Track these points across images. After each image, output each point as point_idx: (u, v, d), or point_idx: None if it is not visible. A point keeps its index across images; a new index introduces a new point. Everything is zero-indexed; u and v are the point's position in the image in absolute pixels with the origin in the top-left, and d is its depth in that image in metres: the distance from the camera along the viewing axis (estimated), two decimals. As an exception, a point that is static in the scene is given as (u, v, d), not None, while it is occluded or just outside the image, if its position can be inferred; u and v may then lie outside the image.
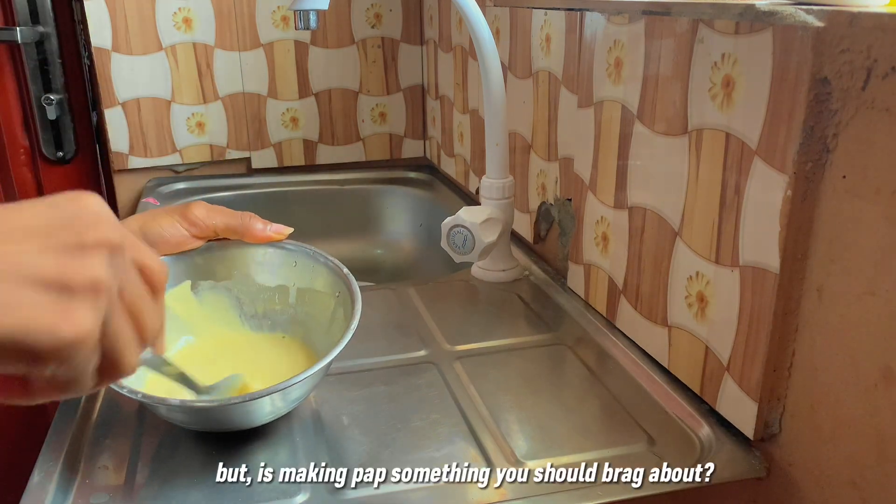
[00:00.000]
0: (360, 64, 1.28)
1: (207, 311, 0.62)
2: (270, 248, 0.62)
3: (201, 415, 0.52)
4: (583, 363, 0.66)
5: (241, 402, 0.49)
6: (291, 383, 0.49)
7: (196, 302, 0.62)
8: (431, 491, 0.50)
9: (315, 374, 0.51)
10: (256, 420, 0.54)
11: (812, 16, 0.43)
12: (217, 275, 0.62)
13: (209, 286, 0.62)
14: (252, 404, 0.51)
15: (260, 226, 0.60)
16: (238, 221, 0.60)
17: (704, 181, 0.55)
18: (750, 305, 0.51)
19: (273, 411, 0.54)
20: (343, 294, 0.59)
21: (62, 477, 0.51)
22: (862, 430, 0.44)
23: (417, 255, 1.24)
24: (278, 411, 0.55)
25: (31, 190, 1.28)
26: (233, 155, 1.28)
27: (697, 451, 0.54)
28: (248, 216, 0.60)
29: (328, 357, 0.51)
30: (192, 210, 0.58)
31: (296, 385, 0.50)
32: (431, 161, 1.35)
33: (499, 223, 0.80)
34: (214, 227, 0.59)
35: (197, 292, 0.62)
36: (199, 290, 0.62)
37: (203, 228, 0.59)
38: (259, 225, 0.60)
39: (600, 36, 0.68)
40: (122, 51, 1.16)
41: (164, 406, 0.52)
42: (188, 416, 0.53)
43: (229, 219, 0.59)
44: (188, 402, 0.49)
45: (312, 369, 0.50)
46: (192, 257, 0.60)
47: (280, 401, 0.53)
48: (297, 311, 0.63)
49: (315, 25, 0.79)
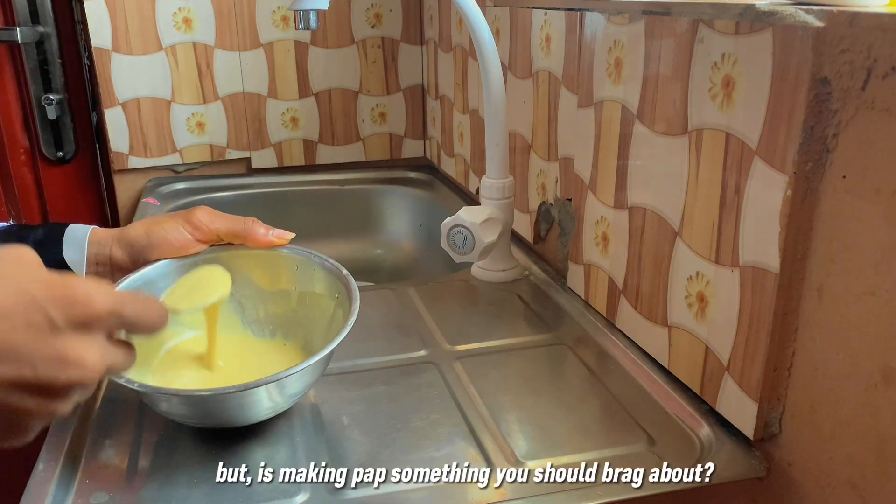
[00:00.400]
0: (360, 64, 1.28)
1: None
2: (272, 253, 0.62)
3: (199, 406, 0.52)
4: (583, 363, 0.66)
5: (237, 391, 0.49)
6: (288, 374, 0.50)
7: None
8: (431, 491, 0.50)
9: (312, 366, 0.51)
10: (255, 415, 0.54)
11: (812, 16, 0.43)
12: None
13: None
14: (250, 397, 0.51)
15: (262, 231, 0.61)
16: (240, 226, 0.60)
17: (704, 181, 0.55)
18: (750, 305, 0.51)
19: (272, 407, 0.54)
20: (342, 295, 0.59)
21: (62, 476, 0.51)
22: (862, 430, 0.44)
23: (417, 255, 1.24)
24: (277, 407, 0.55)
25: (31, 190, 1.28)
26: (233, 155, 1.28)
27: (697, 451, 0.54)
28: (251, 221, 0.61)
29: (325, 349, 0.52)
30: (195, 214, 0.59)
31: (293, 377, 0.50)
32: (431, 161, 1.35)
33: (499, 223, 0.80)
34: (217, 232, 0.60)
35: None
36: None
37: (206, 233, 0.59)
38: (261, 230, 0.61)
39: (600, 36, 0.68)
40: (122, 51, 1.16)
41: (164, 402, 0.52)
42: (187, 409, 0.53)
43: (232, 223, 0.60)
44: (184, 391, 0.50)
45: (309, 361, 0.51)
46: (195, 262, 0.61)
47: (278, 395, 0.53)
48: (298, 315, 0.63)
49: (315, 25, 0.79)
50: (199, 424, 0.56)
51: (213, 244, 0.61)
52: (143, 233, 0.59)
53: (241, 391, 0.49)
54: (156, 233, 0.58)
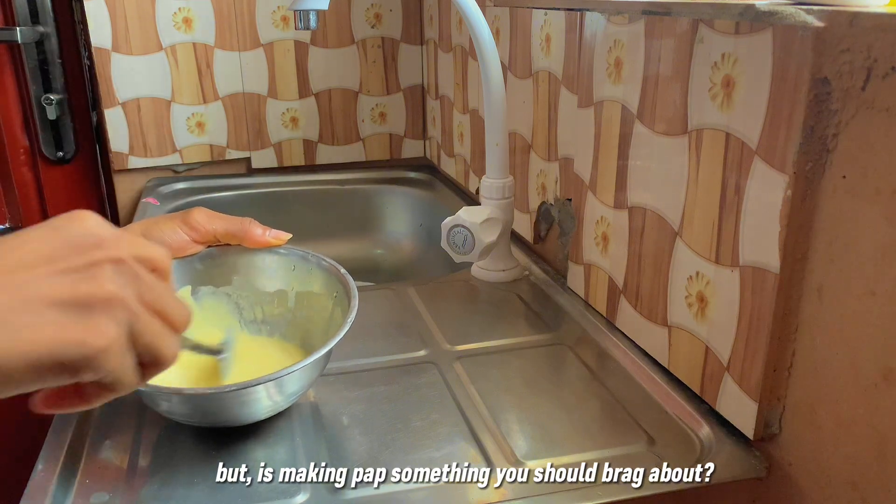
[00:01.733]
0: (360, 64, 1.28)
1: (207, 316, 0.62)
2: (269, 254, 0.63)
3: (199, 405, 0.52)
4: (583, 363, 0.66)
5: (236, 389, 0.50)
6: (286, 372, 0.50)
7: (196, 307, 0.62)
8: (431, 491, 0.50)
9: (311, 365, 0.51)
10: (255, 414, 0.54)
11: (812, 16, 0.43)
12: (217, 280, 0.62)
13: (209, 291, 0.62)
14: (250, 396, 0.51)
15: (259, 231, 0.61)
16: (237, 226, 0.61)
17: (704, 181, 0.55)
18: (750, 305, 0.51)
19: (272, 406, 0.54)
20: (340, 294, 0.59)
21: (62, 476, 0.51)
22: (862, 430, 0.44)
23: (417, 255, 1.24)
24: (277, 406, 0.55)
25: (31, 190, 1.28)
26: (233, 155, 1.28)
27: (697, 451, 0.54)
28: (248, 221, 0.61)
29: (324, 348, 0.52)
30: (192, 215, 0.59)
31: (292, 376, 0.50)
32: (431, 161, 1.35)
33: (499, 223, 0.80)
34: (214, 232, 0.60)
35: (197, 297, 0.62)
36: (199, 296, 0.62)
37: (203, 233, 0.60)
38: (258, 230, 0.61)
39: (600, 36, 0.68)
40: (122, 51, 1.16)
41: (165, 401, 0.52)
42: (187, 408, 0.53)
43: (229, 224, 0.60)
44: (185, 390, 0.50)
45: (309, 359, 0.51)
46: (193, 263, 0.61)
47: (278, 394, 0.53)
48: (296, 315, 0.63)
49: (315, 25, 0.79)
50: (199, 424, 0.56)
51: (211, 245, 0.61)
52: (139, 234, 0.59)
53: (240, 389, 0.50)
54: (153, 234, 0.58)
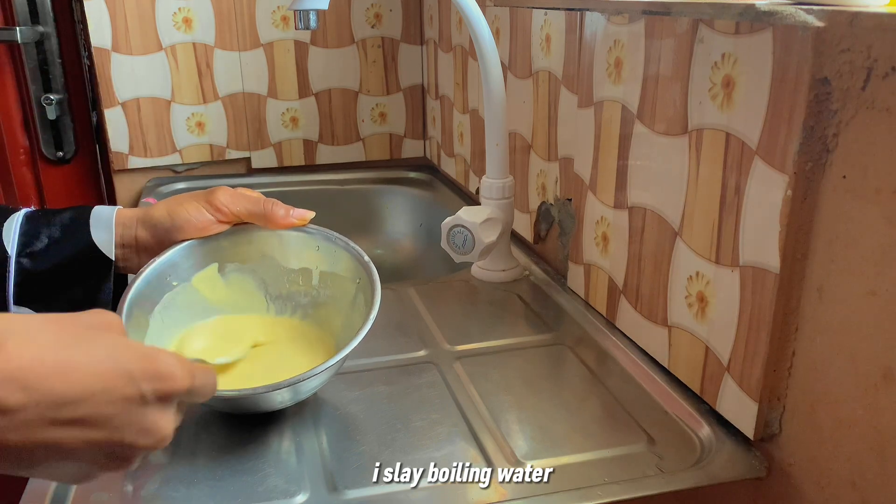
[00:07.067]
0: (360, 64, 1.28)
1: (234, 292, 0.64)
2: (294, 232, 0.63)
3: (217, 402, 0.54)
4: (583, 363, 0.66)
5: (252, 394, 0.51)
6: (301, 378, 0.51)
7: (223, 284, 0.63)
8: (431, 491, 0.50)
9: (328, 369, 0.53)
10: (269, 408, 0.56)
11: (812, 16, 0.43)
12: (243, 257, 0.63)
13: (235, 268, 0.63)
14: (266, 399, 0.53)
15: (282, 212, 0.62)
16: (261, 208, 0.61)
17: (704, 181, 0.55)
18: (750, 305, 0.51)
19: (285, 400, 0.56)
20: (363, 281, 0.60)
21: (62, 477, 0.51)
22: (862, 430, 0.44)
23: (417, 255, 1.24)
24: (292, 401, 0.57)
25: (31, 190, 1.28)
26: (233, 155, 1.28)
27: (697, 451, 0.54)
28: (271, 203, 0.62)
29: (340, 354, 0.53)
30: (216, 196, 0.60)
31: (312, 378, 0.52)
32: (431, 161, 1.35)
33: (499, 223, 0.80)
34: (238, 213, 0.61)
35: (224, 274, 0.63)
36: (225, 272, 0.63)
37: (227, 214, 0.61)
38: (281, 211, 0.62)
39: (600, 36, 0.68)
40: (122, 51, 1.16)
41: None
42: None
43: (252, 205, 0.61)
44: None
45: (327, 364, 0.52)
46: (219, 240, 0.62)
47: (289, 392, 0.54)
48: (320, 294, 0.64)
49: (315, 25, 0.79)
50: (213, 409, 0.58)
51: (234, 224, 0.62)
52: (166, 214, 0.60)
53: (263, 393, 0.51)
54: (179, 214, 0.60)
